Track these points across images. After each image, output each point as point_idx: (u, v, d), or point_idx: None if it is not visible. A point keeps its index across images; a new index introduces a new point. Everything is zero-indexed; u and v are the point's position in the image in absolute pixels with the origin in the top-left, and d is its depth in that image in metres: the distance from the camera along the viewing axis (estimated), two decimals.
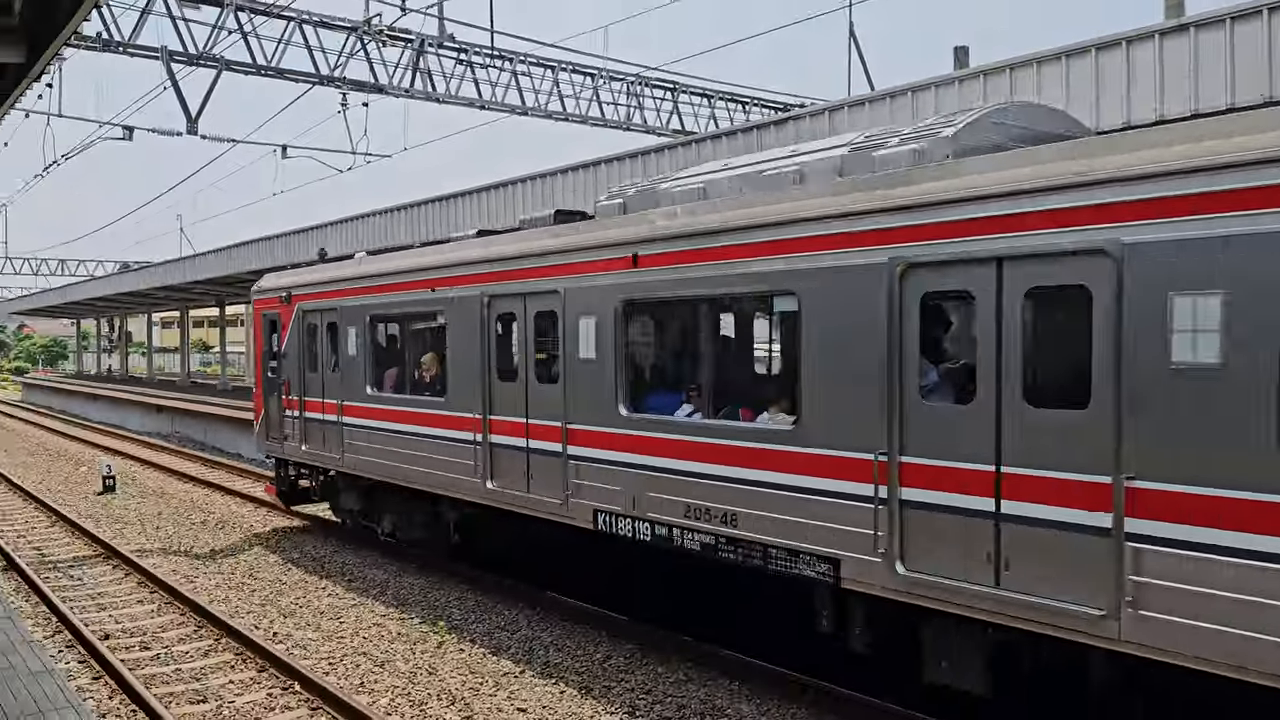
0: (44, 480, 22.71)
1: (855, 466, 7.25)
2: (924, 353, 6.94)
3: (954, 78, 14.44)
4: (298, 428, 15.19)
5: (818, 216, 7.50)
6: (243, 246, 36.01)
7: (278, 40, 20.88)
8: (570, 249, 9.89)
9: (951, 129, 7.57)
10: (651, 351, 10.12)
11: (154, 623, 11.44)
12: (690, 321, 9.79)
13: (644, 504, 9.06)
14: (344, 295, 13.98)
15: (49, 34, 8.68)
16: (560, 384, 9.94)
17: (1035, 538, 6.24)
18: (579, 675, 9.44)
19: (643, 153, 19.57)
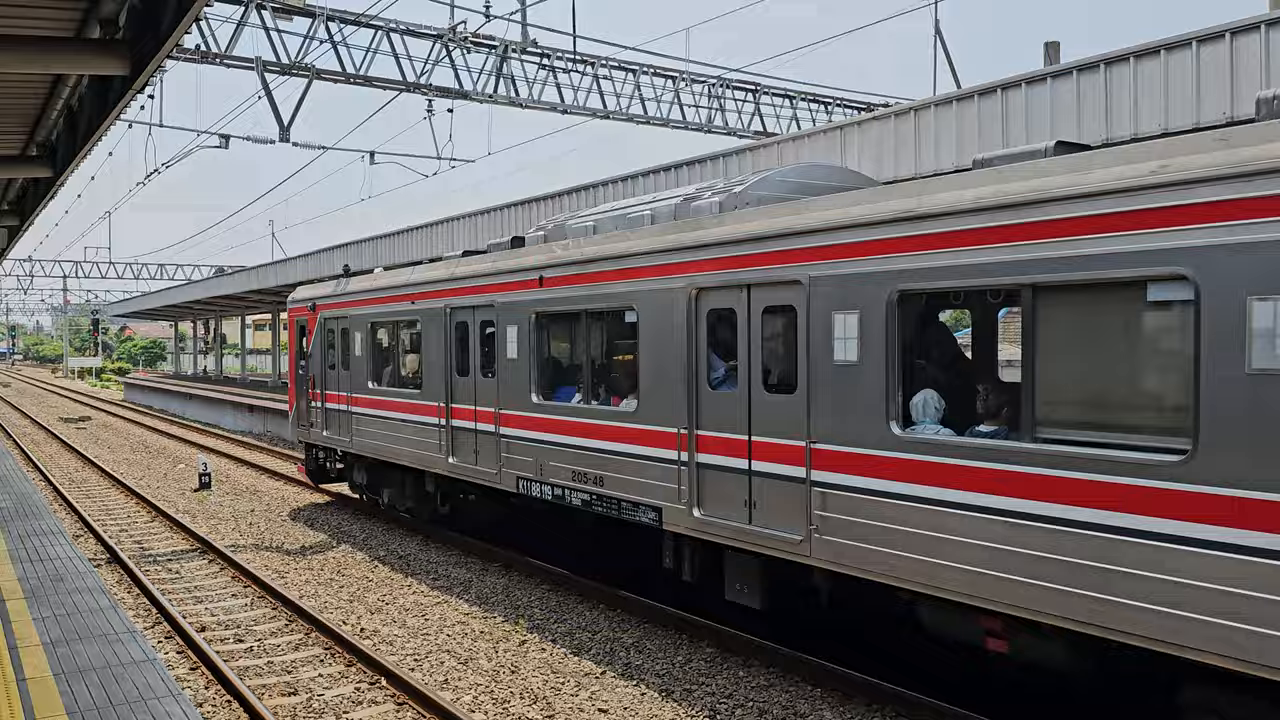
0: (144, 477, 23.58)
1: (669, 438, 9.86)
2: (713, 352, 9.46)
3: (1043, 74, 14.08)
4: (320, 416, 18.05)
5: (646, 251, 10.13)
6: (330, 250, 36.92)
7: (366, 49, 21.33)
8: (501, 271, 12.62)
9: (742, 186, 10.15)
10: (554, 353, 12.51)
11: (247, 616, 11.78)
12: (579, 329, 11.66)
13: (546, 471, 11.69)
14: (352, 306, 16.90)
15: (152, 47, 9.00)
16: (495, 378, 12.68)
17: (769, 486, 8.75)
18: (659, 677, 9.44)
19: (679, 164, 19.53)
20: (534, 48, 23.28)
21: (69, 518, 17.99)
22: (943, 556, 7.18)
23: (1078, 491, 6.38)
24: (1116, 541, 6.15)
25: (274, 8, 20.07)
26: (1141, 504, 6.04)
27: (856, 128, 16.59)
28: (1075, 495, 6.39)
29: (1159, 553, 5.95)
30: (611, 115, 24.85)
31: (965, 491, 7.03)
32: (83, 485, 22.48)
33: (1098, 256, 6.21)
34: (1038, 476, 6.59)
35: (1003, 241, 6.75)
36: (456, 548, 15.02)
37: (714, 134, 26.92)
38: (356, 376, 16.64)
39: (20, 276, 75.68)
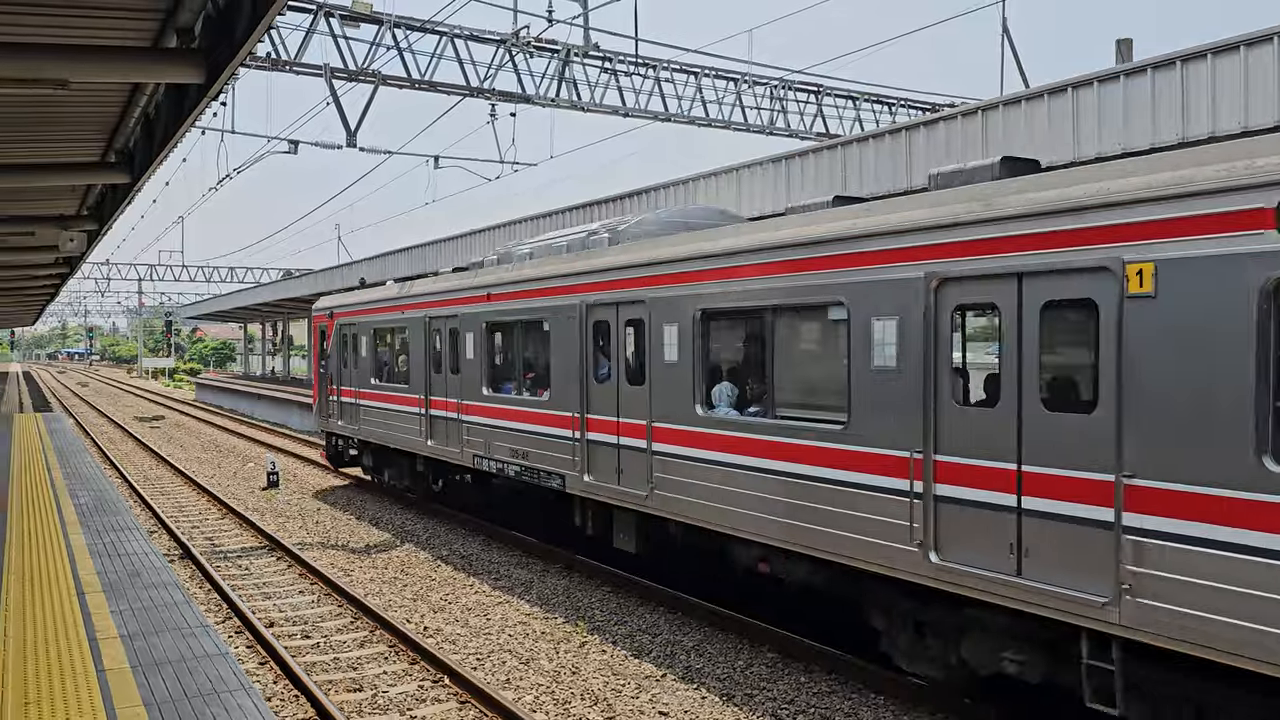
0: (215, 475, 24.14)
1: (568, 421, 12.54)
2: (597, 354, 12.05)
3: (1116, 72, 13.77)
4: (336, 408, 21.00)
5: (554, 275, 12.89)
6: (394, 254, 37.45)
7: (431, 54, 21.64)
8: (463, 288, 15.40)
9: (624, 225, 12.69)
10: (499, 354, 15.08)
11: (314, 612, 12.00)
12: (514, 335, 14.44)
13: (493, 449, 14.39)
14: (360, 314, 19.79)
15: (227, 55, 9.22)
16: (460, 374, 15.34)
17: (632, 456, 11.32)
18: (720, 681, 9.41)
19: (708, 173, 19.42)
20: (596, 51, 23.41)
21: (144, 514, 18.49)
22: (732, 504, 9.71)
23: (797, 452, 8.96)
24: (816, 486, 8.72)
25: (342, 15, 20.45)
26: (827, 459, 8.61)
27: (922, 129, 16.38)
28: (796, 455, 8.97)
29: (836, 493, 8.48)
30: (673, 118, 24.88)
31: (743, 455, 9.58)
32: (157, 482, 23.09)
33: (803, 288, 8.88)
34: (777, 442, 9.17)
35: (756, 275, 9.39)
36: (518, 548, 15.14)
37: (775, 135, 26.81)
38: (363, 374, 19.57)
39: (98, 279, 78.10)
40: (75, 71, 9.88)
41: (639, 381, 11.18)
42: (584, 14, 22.68)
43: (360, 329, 19.78)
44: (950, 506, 7.50)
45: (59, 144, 15.27)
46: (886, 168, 16.59)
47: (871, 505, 8.12)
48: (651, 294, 10.85)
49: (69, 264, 31.08)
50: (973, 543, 7.33)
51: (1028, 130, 14.69)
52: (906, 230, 7.83)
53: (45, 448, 20.06)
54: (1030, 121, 14.57)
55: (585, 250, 12.83)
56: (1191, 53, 12.67)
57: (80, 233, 21.04)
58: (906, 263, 7.81)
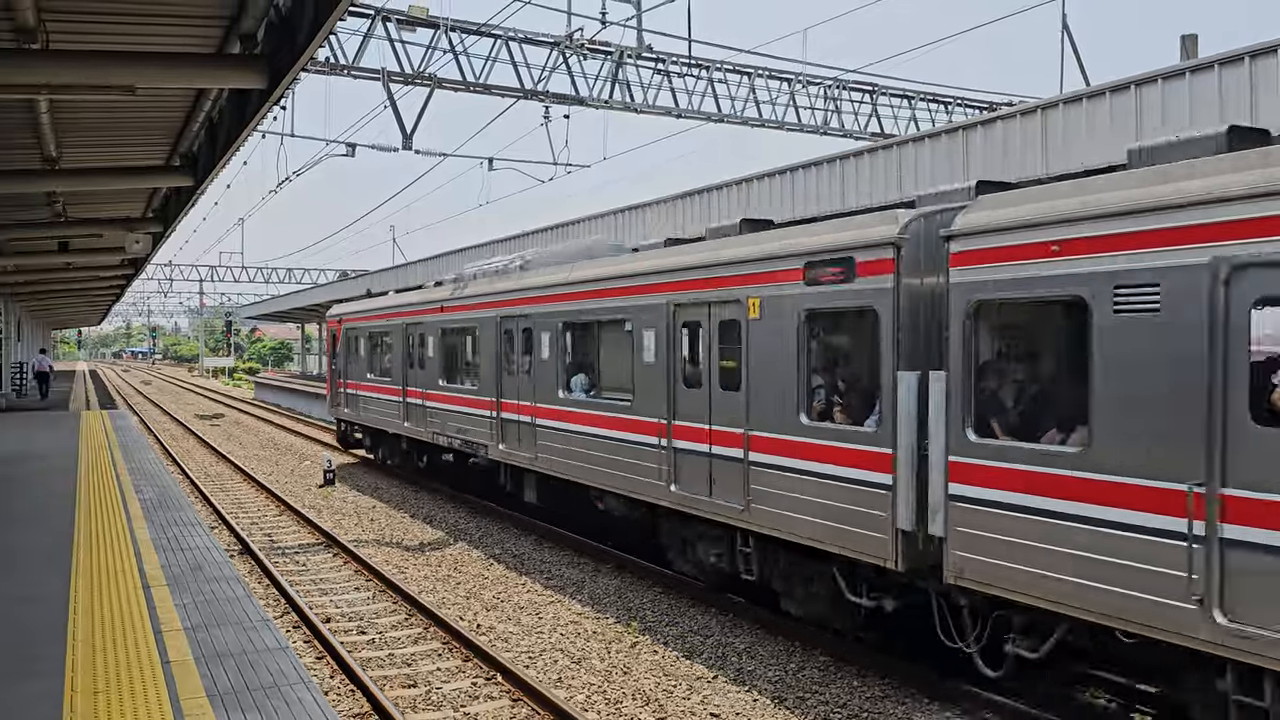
0: (273, 473, 24.58)
1: (489, 404, 16.47)
2: (510, 352, 15.78)
3: (1181, 69, 13.47)
4: (343, 399, 25.22)
5: (481, 294, 17.02)
6: (446, 255, 37.83)
7: (485, 57, 21.83)
8: (428, 301, 19.72)
9: (524, 260, 16.58)
10: (455, 354, 18.97)
11: (369, 609, 12.17)
12: (462, 340, 18.50)
13: (444, 428, 18.47)
14: (359, 320, 24.17)
15: (288, 61, 9.39)
16: (426, 369, 19.48)
17: (523, 429, 15.29)
18: (772, 684, 9.37)
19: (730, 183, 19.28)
20: (649, 53, 23.44)
21: (205, 510, 18.89)
22: (582, 460, 13.49)
23: (609, 422, 12.83)
24: (619, 444, 12.58)
25: (399, 19, 20.71)
26: (624, 426, 12.48)
27: (980, 128, 16.16)
28: (610, 423, 12.83)
29: (624, 448, 12.45)
30: (726, 119, 24.83)
31: (585, 425, 13.44)
32: (217, 479, 23.57)
33: (615, 308, 12.76)
34: (599, 415, 13.09)
35: (591, 298, 13.35)
36: (570, 548, 15.22)
37: (830, 136, 26.64)
38: (360, 370, 23.94)
39: (161, 280, 79.87)
40: (142, 78, 10.13)
41: (527, 372, 15.20)
42: (637, 15, 22.72)
43: (360, 333, 24.15)
44: (681, 455, 11.39)
45: (126, 148, 15.67)
46: (943, 168, 16.39)
47: (644, 456, 12.09)
48: (536, 310, 14.90)
49: (134, 265, 31.87)
50: (693, 482, 11.16)
51: (1089, 129, 14.42)
52: (602, 278, 13.26)
53: (111, 444, 20.59)
54: (1091, 120, 14.31)
55: (502, 275, 16.93)
56: (1261, 48, 12.35)
57: (145, 234, 21.56)
58: (651, 294, 12.01)
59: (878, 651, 9.70)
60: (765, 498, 9.95)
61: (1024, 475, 7.36)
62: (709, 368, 10.89)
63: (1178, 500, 6.33)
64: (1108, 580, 6.73)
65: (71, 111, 12.82)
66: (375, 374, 22.84)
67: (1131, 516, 6.63)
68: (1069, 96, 15.03)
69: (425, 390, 19.52)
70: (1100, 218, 6.86)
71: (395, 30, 20.78)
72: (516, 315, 15.49)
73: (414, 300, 20.72)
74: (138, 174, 16.55)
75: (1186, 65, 13.62)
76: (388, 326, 22.01)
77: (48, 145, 14.27)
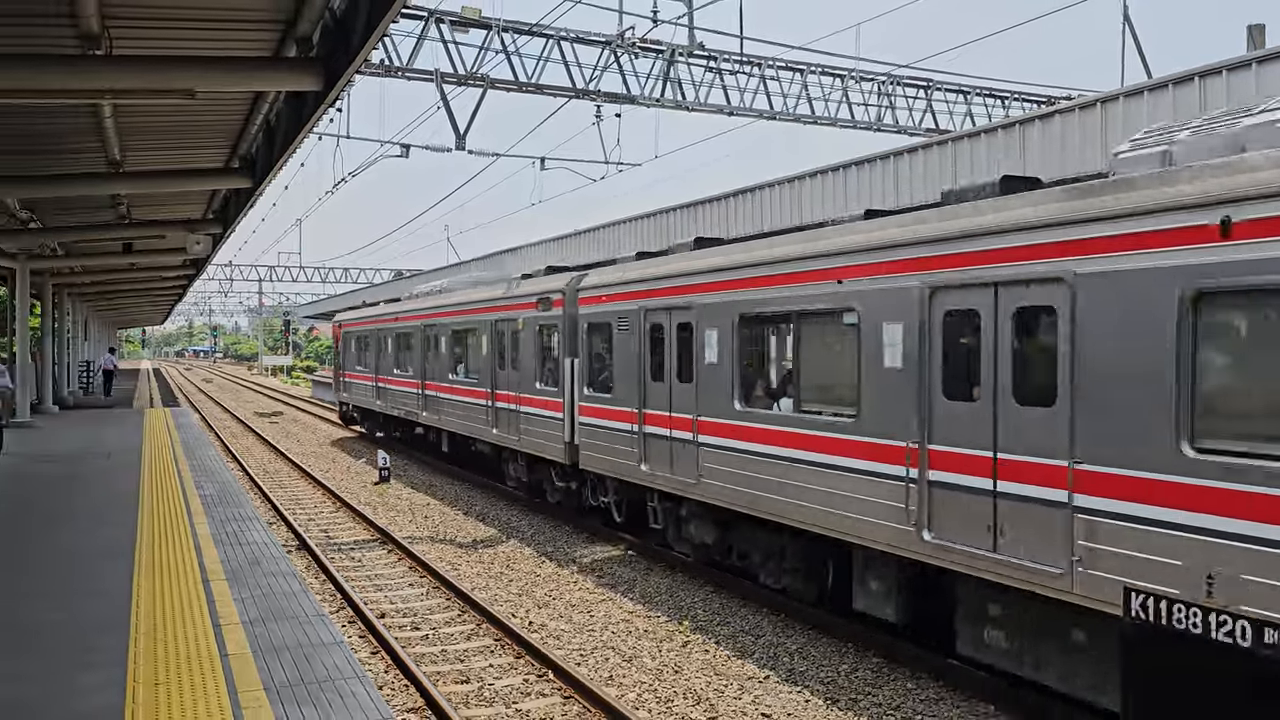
0: (329, 470, 24.95)
1: (415, 384, 24.51)
2: (443, 353, 22.77)
3: (1248, 59, 13.10)
4: (344, 386, 33.45)
5: (416, 309, 25.15)
6: (499, 255, 38.12)
7: (537, 57, 21.93)
8: (389, 314, 27.45)
9: (447, 281, 26.60)
10: (399, 352, 25.96)
11: (423, 605, 12.29)
12: (407, 342, 25.13)
13: (397, 404, 26.32)
14: (354, 326, 32.26)
15: (343, 63, 9.52)
16: (390, 362, 26.75)
17: (461, 408, 21.62)
18: (824, 685, 9.30)
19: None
20: (701, 51, 23.37)
21: (263, 505, 19.22)
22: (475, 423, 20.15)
23: (467, 392, 20.99)
24: (477, 406, 20.09)
25: (452, 21, 20.88)
26: (479, 395, 20.07)
27: (1037, 123, 15.88)
28: (465, 392, 20.84)
29: (502, 411, 18.87)
30: (778, 116, 24.67)
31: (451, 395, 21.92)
32: (275, 475, 23.98)
33: (469, 322, 21.05)
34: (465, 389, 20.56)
35: (476, 314, 20.19)
36: (621, 546, 15.23)
37: (883, 132, 26.33)
38: (353, 362, 31.98)
39: (221, 280, 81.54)
40: (202, 81, 10.33)
41: (406, 367, 23.18)
42: (689, 13, 22.69)
43: (353, 334, 32.32)
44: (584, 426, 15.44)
45: (187, 151, 16.00)
46: (999, 163, 16.14)
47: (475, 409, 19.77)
48: (435, 322, 23.06)
49: (195, 265, 32.56)
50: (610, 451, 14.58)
51: (1150, 123, 14.10)
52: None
53: (173, 441, 21.04)
54: (1153, 113, 13.98)
55: (430, 294, 25.18)
56: None
57: (206, 235, 22.02)
58: (482, 315, 20.06)
59: (933, 653, 9.57)
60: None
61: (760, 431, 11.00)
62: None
63: (901, 453, 8.79)
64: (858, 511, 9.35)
65: (134, 116, 13.13)
66: (363, 366, 30.53)
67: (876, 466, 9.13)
68: (1130, 89, 14.71)
69: (389, 377, 27.43)
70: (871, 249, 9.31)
71: (448, 31, 20.97)
72: (433, 325, 23.34)
73: (387, 311, 28.92)
74: (198, 176, 16.91)
75: (1253, 56, 13.25)
76: (374, 330, 29.37)
77: (112, 149, 14.63)
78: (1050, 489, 7.44)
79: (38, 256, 26.10)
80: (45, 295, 32.05)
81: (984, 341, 8.08)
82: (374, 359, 28.59)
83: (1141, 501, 6.78)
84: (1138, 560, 6.79)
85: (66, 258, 27.12)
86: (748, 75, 24.18)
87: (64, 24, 9.25)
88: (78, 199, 19.17)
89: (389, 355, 27.10)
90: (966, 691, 8.96)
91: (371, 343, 29.11)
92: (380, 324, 28.32)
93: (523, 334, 17.81)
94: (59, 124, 13.37)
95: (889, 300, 8.95)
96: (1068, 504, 7.29)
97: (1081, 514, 7.19)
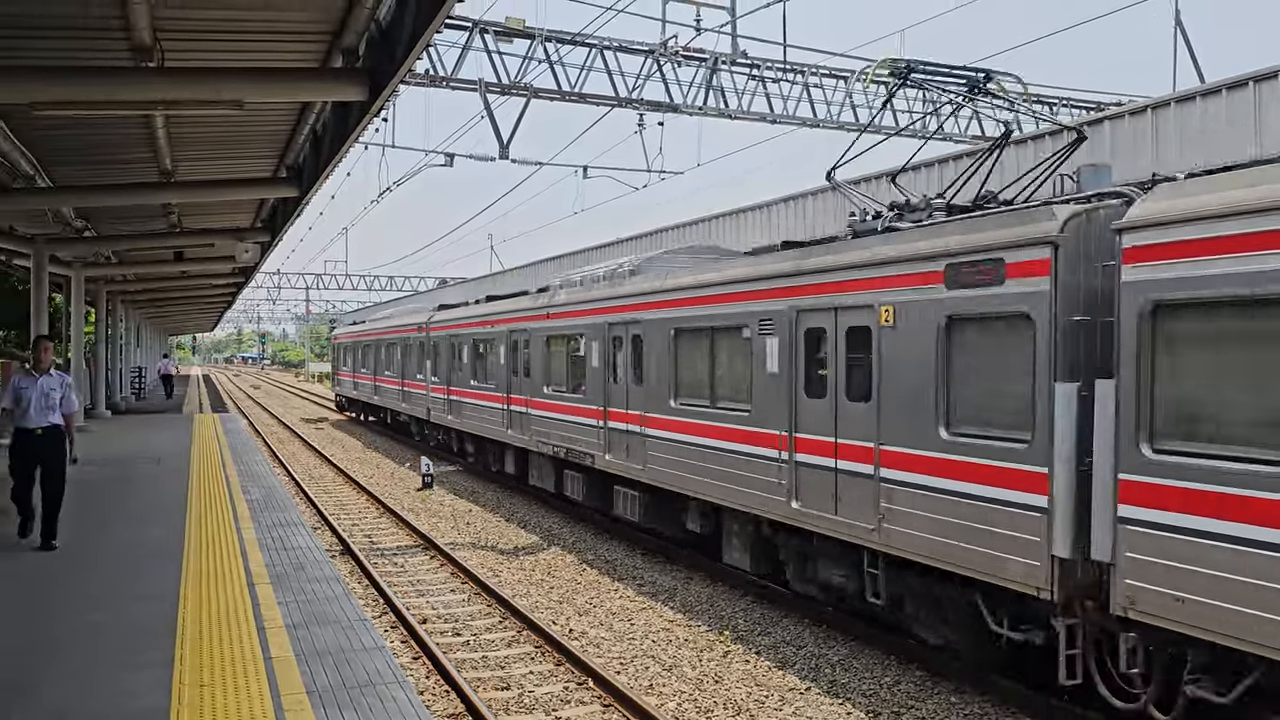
0: (373, 475, 25.18)
1: (396, 381, 31.72)
2: (423, 359, 28.23)
3: None
4: (339, 382, 44.18)
5: (396, 325, 33.11)
6: (540, 264, 38.32)
7: (580, 67, 22.04)
8: (366, 329, 38.61)
9: (407, 302, 54.97)
10: (380, 357, 34.62)
11: (464, 611, 12.34)
12: (386, 351, 33.62)
13: (381, 398, 34.76)
14: (347, 339, 42.32)
15: (388, 73, 9.63)
16: (371, 365, 36.37)
17: (409, 395, 30.18)
18: (866, 698, 9.19)
19: None
20: (743, 59, 23.34)
21: (308, 510, 19.44)
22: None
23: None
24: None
25: (496, 31, 21.05)
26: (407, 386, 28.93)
27: (1086, 129, 15.63)
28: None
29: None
30: (821, 124, 24.55)
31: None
32: (320, 481, 24.25)
33: (403, 339, 30.46)
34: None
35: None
36: (661, 555, 15.20)
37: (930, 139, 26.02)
38: (348, 365, 41.30)
39: (269, 288, 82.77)
40: (250, 92, 10.50)
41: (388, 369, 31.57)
42: (731, 21, 22.67)
43: (347, 346, 42.00)
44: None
45: (236, 161, 16.27)
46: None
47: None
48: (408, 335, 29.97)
49: (244, 273, 33.06)
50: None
51: (1202, 128, 13.84)
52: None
53: (221, 446, 21.37)
54: (1205, 118, 13.72)
55: (410, 311, 31.84)
56: None
57: (254, 244, 22.35)
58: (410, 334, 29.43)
59: (977, 668, 9.43)
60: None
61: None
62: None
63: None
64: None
65: (185, 126, 13.38)
66: (356, 369, 39.27)
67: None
68: (1182, 94, 14.44)
69: (373, 377, 35.22)
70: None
71: (492, 42, 21.15)
72: (406, 337, 29.82)
73: (363, 328, 38.84)
74: (247, 185, 17.19)
75: None
76: (357, 343, 38.74)
77: (164, 159, 14.91)
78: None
79: (92, 264, 26.68)
80: (99, 302, 32.74)
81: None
82: (356, 363, 39.88)
83: None
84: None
85: (119, 265, 27.69)
86: (790, 82, 24.12)
87: (117, 37, 9.45)
88: (130, 208, 19.57)
89: (370, 361, 36.93)
90: (1011, 706, 8.81)
91: (354, 351, 40.23)
92: (363, 338, 38.50)
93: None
94: (113, 135, 13.66)
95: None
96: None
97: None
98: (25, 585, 9.17)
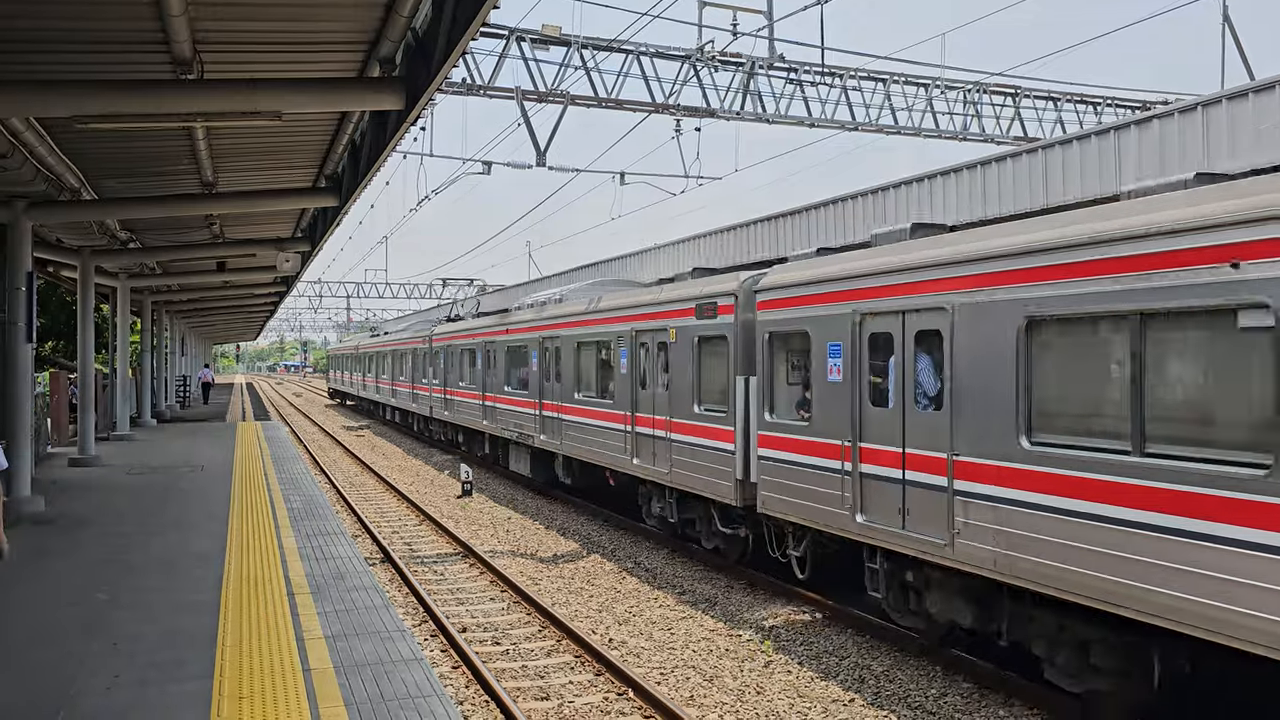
0: (413, 483, 25.28)
1: (386, 383, 43.11)
2: (423, 366, 35.78)
3: None
4: (334, 377, 69.22)
5: (380, 343, 46.46)
6: (577, 270, 38.35)
7: (617, 73, 21.96)
8: (356, 347, 55.41)
9: (392, 321, 68.75)
10: (372, 366, 47.87)
11: (503, 620, 12.30)
12: (381, 361, 46.13)
13: (369, 389, 49.73)
14: (340, 353, 66.52)
15: (424, 82, 9.62)
16: (367, 373, 49.94)
17: (400, 395, 40.80)
18: (912, 710, 9.00)
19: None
20: (781, 63, 23.15)
21: (349, 518, 19.54)
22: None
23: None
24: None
25: (532, 39, 21.06)
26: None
27: (1133, 128, 15.31)
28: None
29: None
30: (860, 127, 24.30)
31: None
32: (360, 489, 24.39)
33: (403, 352, 40.15)
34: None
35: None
36: (700, 563, 15.07)
37: (969, 141, 25.74)
38: (341, 371, 62.71)
39: (310, 297, 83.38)
40: (289, 103, 10.54)
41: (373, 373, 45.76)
42: (769, 25, 22.50)
43: (342, 359, 61.59)
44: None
45: (276, 171, 16.40)
46: (1092, 171, 15.60)
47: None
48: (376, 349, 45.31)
49: (285, 283, 33.39)
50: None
51: (1254, 126, 13.48)
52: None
53: (263, 454, 21.55)
54: (1258, 116, 13.37)
55: (400, 332, 43.35)
56: None
57: (295, 253, 22.54)
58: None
59: (1028, 680, 9.21)
60: None
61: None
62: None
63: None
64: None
65: (225, 138, 13.49)
66: (351, 373, 51.43)
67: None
68: (1233, 91, 14.08)
69: (363, 378, 46.90)
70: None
71: (529, 49, 21.15)
72: (388, 350, 40.46)
73: (352, 344, 48.51)
74: (287, 195, 17.30)
75: None
76: (347, 357, 52.22)
77: (205, 170, 15.05)
78: None
79: (137, 275, 27.06)
80: (145, 312, 33.23)
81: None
82: (347, 368, 54.58)
83: None
84: None
85: (164, 276, 28.07)
86: (829, 86, 23.89)
87: (159, 50, 9.52)
88: (173, 219, 19.80)
89: (362, 367, 49.47)
90: (1059, 718, 8.60)
91: (349, 360, 54.03)
92: (351, 351, 50.98)
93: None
94: (154, 147, 13.80)
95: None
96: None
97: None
98: (67, 593, 9.24)
